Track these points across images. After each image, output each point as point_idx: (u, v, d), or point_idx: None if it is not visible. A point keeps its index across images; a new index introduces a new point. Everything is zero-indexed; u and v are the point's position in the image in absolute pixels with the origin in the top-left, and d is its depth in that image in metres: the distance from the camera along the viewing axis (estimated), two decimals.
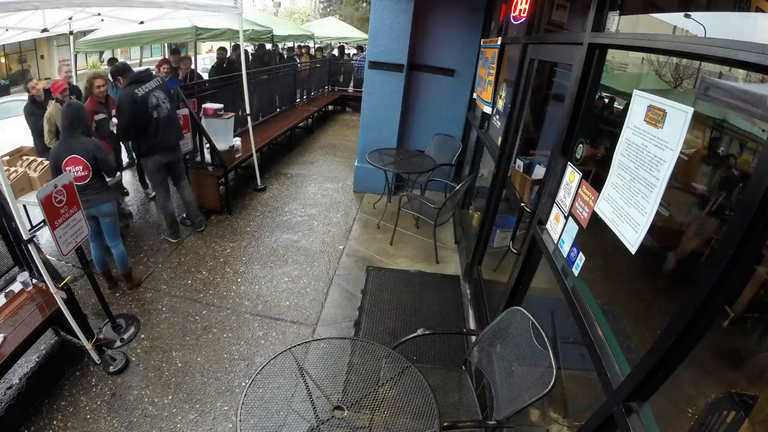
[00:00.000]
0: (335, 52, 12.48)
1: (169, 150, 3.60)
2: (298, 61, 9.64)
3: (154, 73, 3.85)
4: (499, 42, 3.39)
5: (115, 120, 3.50)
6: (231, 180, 4.79)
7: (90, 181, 2.74)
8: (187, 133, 4.02)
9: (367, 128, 4.96)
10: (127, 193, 4.80)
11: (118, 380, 2.44)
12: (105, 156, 2.80)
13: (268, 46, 9.38)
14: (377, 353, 1.91)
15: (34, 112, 3.91)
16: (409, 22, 4.42)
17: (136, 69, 3.59)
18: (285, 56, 9.90)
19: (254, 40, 8.65)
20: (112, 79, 3.93)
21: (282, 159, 6.52)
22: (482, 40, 4.35)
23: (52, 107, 3.58)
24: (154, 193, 4.25)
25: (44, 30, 4.22)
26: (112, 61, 5.45)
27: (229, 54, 8.04)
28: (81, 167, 2.68)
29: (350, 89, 10.94)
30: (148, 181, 4.05)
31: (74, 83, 4.76)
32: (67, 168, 2.64)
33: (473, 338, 2.09)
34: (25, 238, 2.13)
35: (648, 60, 1.48)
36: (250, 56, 8.51)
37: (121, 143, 4.45)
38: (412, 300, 3.29)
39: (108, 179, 2.92)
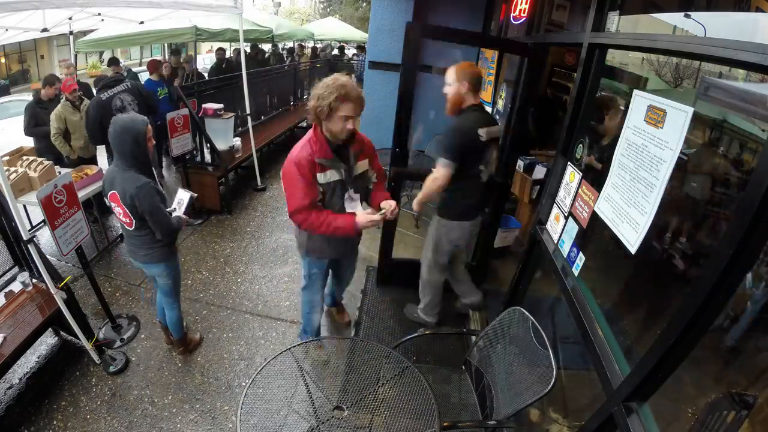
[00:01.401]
0: (336, 51, 12.49)
1: None
2: (297, 60, 9.65)
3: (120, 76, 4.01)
4: None
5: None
6: (231, 180, 4.79)
7: (135, 230, 2.04)
8: (187, 133, 4.01)
9: (367, 128, 4.95)
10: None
11: (118, 380, 2.44)
12: (148, 202, 1.93)
13: (267, 47, 9.38)
14: (377, 353, 1.91)
15: (38, 112, 3.93)
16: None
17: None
18: (284, 56, 9.90)
19: (254, 40, 8.65)
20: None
21: (282, 159, 6.48)
22: None
23: (61, 105, 3.62)
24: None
25: (44, 30, 4.22)
26: (113, 61, 5.44)
27: (228, 55, 8.04)
28: (121, 211, 1.99)
29: None
30: None
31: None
32: (112, 203, 2.02)
33: (473, 338, 2.09)
34: (25, 238, 2.13)
35: (648, 60, 1.48)
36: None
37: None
38: (412, 300, 3.28)
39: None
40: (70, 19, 4.51)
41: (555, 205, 1.79)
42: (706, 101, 1.20)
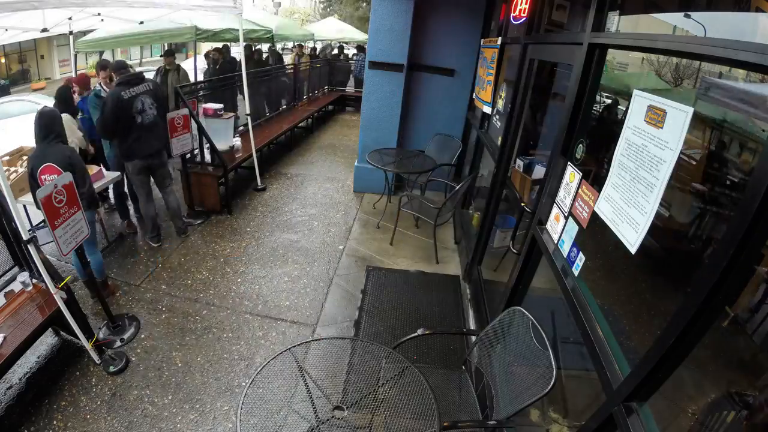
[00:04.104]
0: (335, 51, 12.49)
1: (151, 155, 3.55)
2: (298, 60, 9.64)
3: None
4: (499, 42, 3.39)
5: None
6: (231, 180, 4.79)
7: None
8: (188, 133, 4.01)
9: (367, 128, 4.97)
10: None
11: (118, 380, 2.44)
12: (81, 163, 2.73)
13: (265, 47, 9.36)
14: (377, 353, 1.91)
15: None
16: (409, 22, 4.42)
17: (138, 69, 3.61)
18: (281, 56, 9.90)
19: (254, 40, 8.65)
20: (96, 72, 3.89)
21: (282, 159, 6.52)
22: (482, 40, 4.35)
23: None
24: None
25: (44, 30, 4.22)
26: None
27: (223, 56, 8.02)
28: (55, 175, 2.43)
29: (348, 89, 10.95)
30: (131, 182, 3.86)
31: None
32: (43, 176, 2.50)
33: (473, 338, 2.09)
34: (24, 238, 2.13)
35: (648, 60, 1.48)
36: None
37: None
38: (412, 300, 3.29)
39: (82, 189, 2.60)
40: (69, 19, 4.51)
41: (555, 205, 1.79)
42: (707, 101, 1.21)
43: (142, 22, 5.46)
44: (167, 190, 3.84)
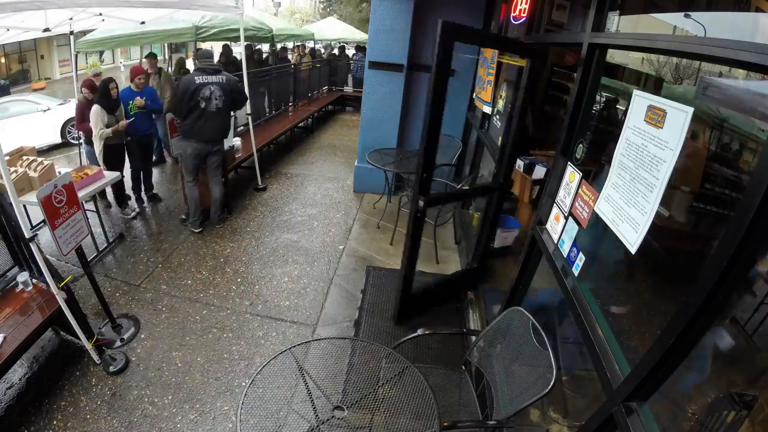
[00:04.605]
0: (335, 51, 12.47)
1: (206, 142, 3.79)
2: (299, 60, 9.64)
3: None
4: None
5: None
6: (231, 180, 4.79)
7: None
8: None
9: (367, 128, 4.96)
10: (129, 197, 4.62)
11: (118, 380, 2.44)
12: None
13: (265, 47, 9.33)
14: (377, 353, 1.91)
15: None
16: (409, 23, 4.41)
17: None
18: (279, 56, 9.88)
19: (255, 40, 8.63)
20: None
21: (282, 159, 6.52)
22: None
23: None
24: (132, 213, 4.41)
25: (46, 30, 4.21)
26: (151, 55, 5.56)
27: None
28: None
29: (347, 89, 10.95)
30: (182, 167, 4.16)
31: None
32: None
33: (473, 338, 2.09)
34: (27, 236, 2.13)
35: (648, 60, 1.48)
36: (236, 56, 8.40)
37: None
38: None
39: None
40: (70, 19, 4.51)
41: (555, 205, 1.79)
42: (706, 101, 1.21)
43: (143, 22, 5.45)
44: (215, 179, 4.06)
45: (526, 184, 3.50)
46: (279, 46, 10.44)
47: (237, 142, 4.92)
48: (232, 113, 4.83)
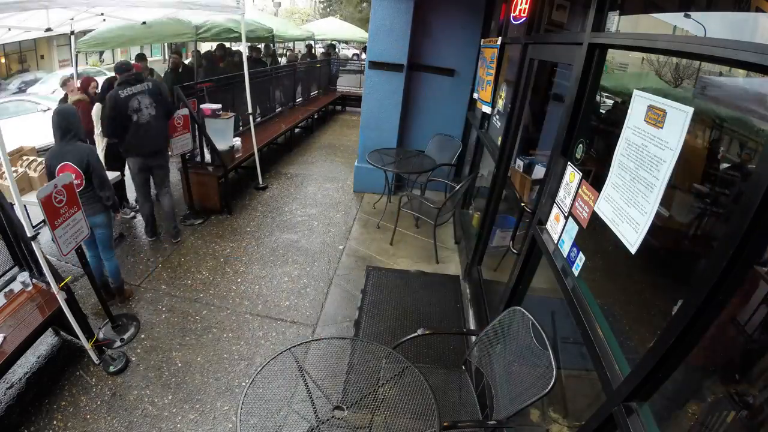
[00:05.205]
0: (322, 49, 12.45)
1: (148, 155, 3.60)
2: (297, 60, 9.64)
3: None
4: (499, 42, 3.39)
5: None
6: (231, 180, 4.79)
7: (83, 189, 2.59)
8: (188, 133, 4.01)
9: (367, 128, 4.97)
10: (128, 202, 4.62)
11: (118, 380, 2.44)
12: (98, 163, 2.67)
13: (264, 46, 9.31)
14: (377, 353, 1.91)
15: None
16: (409, 22, 4.42)
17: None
18: (276, 56, 9.89)
19: (255, 40, 8.63)
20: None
21: (282, 159, 6.52)
22: (482, 40, 4.35)
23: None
24: (131, 213, 4.38)
25: (48, 29, 4.21)
26: (141, 57, 5.62)
27: (188, 60, 7.92)
28: (74, 175, 2.50)
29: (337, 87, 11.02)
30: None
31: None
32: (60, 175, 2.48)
33: (473, 338, 2.09)
34: (29, 235, 2.13)
35: (648, 60, 1.48)
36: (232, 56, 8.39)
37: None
38: (412, 300, 3.28)
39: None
40: (72, 19, 4.51)
41: (555, 205, 1.79)
42: (705, 101, 1.20)
43: (144, 23, 5.45)
44: (163, 191, 3.85)
45: (526, 183, 3.50)
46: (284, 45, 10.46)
47: (237, 142, 4.92)
48: (232, 114, 4.86)
